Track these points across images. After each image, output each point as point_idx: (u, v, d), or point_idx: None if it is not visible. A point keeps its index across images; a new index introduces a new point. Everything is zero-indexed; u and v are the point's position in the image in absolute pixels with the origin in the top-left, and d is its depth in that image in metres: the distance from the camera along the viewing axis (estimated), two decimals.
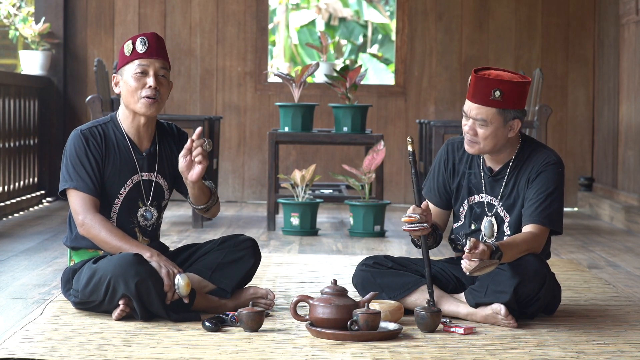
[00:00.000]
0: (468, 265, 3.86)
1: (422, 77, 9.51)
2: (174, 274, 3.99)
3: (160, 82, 4.14)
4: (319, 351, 3.62)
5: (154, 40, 4.14)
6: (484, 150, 4.16)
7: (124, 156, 4.18)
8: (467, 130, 4.15)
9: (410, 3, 9.48)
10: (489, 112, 4.10)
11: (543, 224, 4.12)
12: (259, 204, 9.35)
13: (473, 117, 4.12)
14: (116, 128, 4.20)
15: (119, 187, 4.17)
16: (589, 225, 8.14)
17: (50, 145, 9.13)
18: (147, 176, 4.22)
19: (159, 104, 4.15)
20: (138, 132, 4.21)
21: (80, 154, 4.12)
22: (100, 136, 4.16)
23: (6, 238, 6.65)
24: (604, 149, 9.21)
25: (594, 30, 9.49)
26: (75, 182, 4.09)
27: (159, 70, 4.14)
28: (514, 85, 4.09)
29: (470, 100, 4.12)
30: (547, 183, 4.16)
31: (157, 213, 4.26)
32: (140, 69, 4.12)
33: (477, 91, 4.10)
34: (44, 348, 3.57)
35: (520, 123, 4.15)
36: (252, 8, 9.48)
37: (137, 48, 4.12)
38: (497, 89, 4.08)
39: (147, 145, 4.24)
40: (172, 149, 4.29)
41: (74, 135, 4.16)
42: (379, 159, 6.92)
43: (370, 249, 6.43)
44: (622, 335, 3.94)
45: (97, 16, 9.38)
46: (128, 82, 4.14)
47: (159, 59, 4.14)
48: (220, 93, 9.49)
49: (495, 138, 4.13)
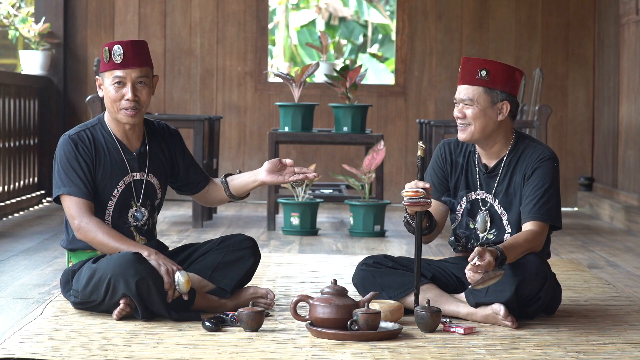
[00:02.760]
0: (473, 277, 3.86)
1: (422, 77, 9.51)
2: (173, 272, 3.99)
3: (139, 90, 4.13)
4: (319, 351, 3.62)
5: (130, 49, 4.11)
6: (475, 133, 4.17)
7: (114, 158, 4.18)
8: (457, 115, 4.20)
9: (410, 3, 9.48)
10: (475, 91, 4.16)
11: (542, 220, 4.13)
12: (259, 203, 9.35)
13: (461, 98, 4.17)
14: (104, 130, 4.20)
15: (112, 189, 4.17)
16: (589, 225, 8.14)
17: (50, 145, 9.13)
18: (138, 176, 4.22)
19: (140, 112, 4.15)
20: (126, 134, 4.22)
21: (70, 159, 4.12)
22: (89, 140, 4.16)
23: (6, 238, 6.65)
24: (604, 148, 9.21)
25: (594, 30, 9.49)
26: (68, 188, 4.09)
27: (137, 79, 4.13)
28: (499, 66, 4.17)
29: (459, 84, 4.21)
30: (543, 179, 4.16)
31: (147, 213, 4.24)
32: (117, 80, 4.12)
33: (464, 73, 4.18)
34: (44, 348, 3.57)
35: (509, 107, 4.18)
36: (252, 8, 9.48)
37: (114, 58, 4.11)
38: (484, 68, 4.16)
39: (137, 145, 4.24)
40: (162, 147, 4.29)
41: (62, 141, 4.15)
42: (379, 159, 6.92)
43: (370, 249, 6.43)
44: (622, 335, 3.94)
45: (97, 16, 9.39)
46: (108, 89, 4.14)
47: (135, 68, 4.12)
48: (221, 93, 9.49)
49: (484, 118, 4.16)
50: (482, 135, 4.20)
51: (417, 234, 4.08)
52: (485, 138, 4.22)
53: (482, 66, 4.16)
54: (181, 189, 4.40)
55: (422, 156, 4.04)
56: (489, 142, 4.24)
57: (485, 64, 4.16)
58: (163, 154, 4.29)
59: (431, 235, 4.29)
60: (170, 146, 4.31)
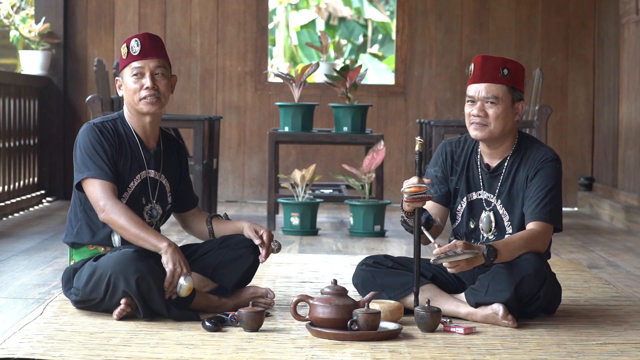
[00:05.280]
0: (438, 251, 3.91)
1: (422, 77, 9.51)
2: (179, 274, 3.99)
3: (158, 80, 4.17)
4: (319, 351, 3.62)
5: (147, 40, 4.17)
6: (494, 132, 4.16)
7: (134, 151, 4.23)
8: (477, 113, 4.15)
9: (410, 3, 9.48)
10: (499, 89, 4.14)
11: (545, 220, 4.12)
12: (259, 203, 9.35)
13: (483, 97, 4.14)
14: (124, 125, 4.25)
15: (128, 182, 4.20)
16: (589, 225, 8.14)
17: (50, 145, 9.13)
18: (153, 174, 4.26)
19: (161, 101, 4.19)
20: (145, 130, 4.25)
21: (95, 144, 4.14)
22: (112, 130, 4.21)
23: (6, 238, 6.65)
24: (604, 148, 9.21)
25: (594, 30, 9.49)
26: (93, 171, 4.10)
27: (155, 69, 4.17)
28: (517, 65, 4.19)
29: (478, 82, 4.15)
30: (546, 180, 4.16)
31: (161, 211, 4.28)
32: (136, 71, 4.17)
33: (485, 71, 4.14)
34: (44, 348, 3.57)
35: (524, 106, 4.20)
36: (252, 8, 9.48)
37: (132, 50, 4.17)
38: (505, 66, 4.15)
39: (154, 144, 4.29)
40: (174, 153, 4.37)
41: (87, 127, 4.18)
42: (379, 159, 6.92)
43: (370, 249, 6.43)
44: (622, 335, 3.94)
45: (97, 16, 9.38)
46: (128, 84, 4.19)
47: (154, 58, 4.17)
48: (220, 93, 9.49)
49: (505, 119, 4.16)
50: (500, 135, 4.19)
51: (416, 231, 4.08)
52: (500, 138, 4.21)
53: (504, 64, 4.15)
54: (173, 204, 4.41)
55: (420, 151, 4.04)
56: (499, 141, 4.23)
57: (506, 63, 4.15)
58: (175, 157, 4.36)
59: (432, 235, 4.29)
60: (179, 155, 4.38)
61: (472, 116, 4.17)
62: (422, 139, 4.03)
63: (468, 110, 4.19)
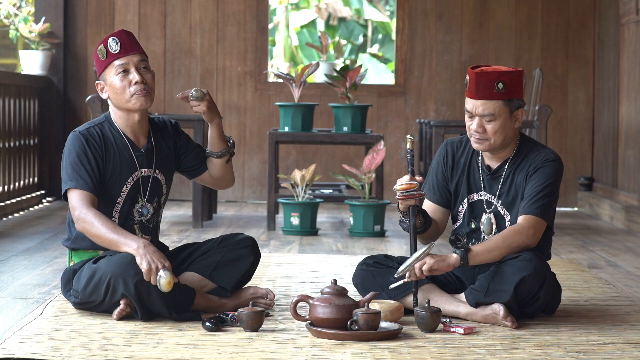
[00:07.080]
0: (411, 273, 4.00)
1: (422, 77, 9.51)
2: (157, 269, 3.94)
3: (144, 74, 4.16)
4: (319, 351, 3.62)
5: (125, 37, 4.15)
6: (495, 145, 4.16)
7: (123, 154, 4.19)
8: (475, 129, 4.14)
9: (410, 3, 9.48)
10: (495, 106, 4.12)
11: (533, 214, 4.11)
12: (259, 203, 9.35)
13: (480, 113, 4.12)
14: (112, 127, 4.21)
15: (121, 186, 4.17)
16: (589, 225, 8.14)
17: (50, 145, 9.13)
18: (146, 172, 4.23)
19: (151, 95, 4.17)
20: (133, 129, 4.22)
21: (80, 154, 4.11)
22: (99, 136, 4.17)
23: (6, 238, 6.65)
24: (604, 148, 9.21)
25: (594, 30, 9.49)
26: (75, 182, 4.09)
27: (139, 63, 4.15)
28: (513, 75, 4.13)
29: (473, 98, 4.13)
30: (544, 178, 4.16)
31: (153, 209, 4.25)
32: (121, 68, 4.13)
33: (479, 87, 4.11)
34: (44, 348, 3.57)
35: (524, 112, 4.18)
36: (252, 8, 9.48)
37: (111, 49, 4.13)
38: (499, 80, 4.10)
39: (144, 141, 4.25)
40: (166, 142, 4.30)
41: (72, 137, 4.15)
42: (379, 159, 6.92)
43: (370, 249, 6.43)
44: (622, 335, 3.94)
45: (97, 16, 9.38)
46: (113, 84, 4.15)
47: (135, 53, 4.15)
48: (220, 93, 9.49)
49: (504, 131, 4.15)
50: (501, 145, 4.19)
51: (411, 230, 4.08)
52: (501, 147, 4.22)
53: (498, 79, 4.10)
54: (193, 171, 4.36)
55: (411, 149, 4.04)
56: (501, 147, 4.23)
57: (500, 77, 4.10)
58: (167, 148, 4.30)
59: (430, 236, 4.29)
60: (174, 139, 4.32)
61: (471, 130, 4.18)
62: (412, 137, 4.04)
63: (468, 124, 4.19)
